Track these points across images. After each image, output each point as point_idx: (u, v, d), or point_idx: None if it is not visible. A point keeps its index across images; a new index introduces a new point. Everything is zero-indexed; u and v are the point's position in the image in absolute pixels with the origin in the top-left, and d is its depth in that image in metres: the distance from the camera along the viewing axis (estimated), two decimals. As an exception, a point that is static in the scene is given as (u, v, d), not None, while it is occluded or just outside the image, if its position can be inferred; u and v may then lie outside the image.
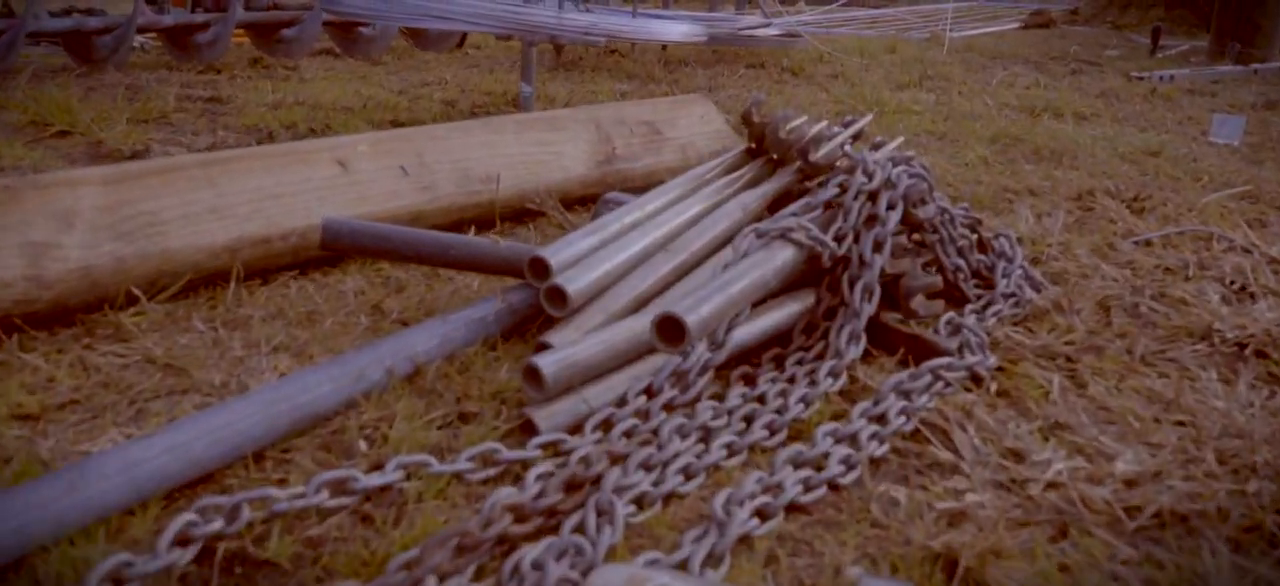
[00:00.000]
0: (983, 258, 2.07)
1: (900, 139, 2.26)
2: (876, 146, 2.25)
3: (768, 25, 5.81)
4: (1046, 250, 2.41)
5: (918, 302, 1.75)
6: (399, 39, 6.07)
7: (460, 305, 1.86)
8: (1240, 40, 7.04)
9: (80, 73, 5.14)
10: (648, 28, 3.52)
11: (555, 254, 1.67)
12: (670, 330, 1.34)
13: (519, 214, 2.46)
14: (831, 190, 1.80)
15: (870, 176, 1.82)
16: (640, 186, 2.75)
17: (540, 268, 1.66)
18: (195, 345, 1.66)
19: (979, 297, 2.01)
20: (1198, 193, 3.04)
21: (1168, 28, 8.43)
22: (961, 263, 1.99)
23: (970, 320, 1.86)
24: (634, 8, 3.95)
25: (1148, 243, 2.52)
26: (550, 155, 2.54)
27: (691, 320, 1.32)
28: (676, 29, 3.63)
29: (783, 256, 1.64)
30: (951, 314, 1.86)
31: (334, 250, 1.79)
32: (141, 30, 6.08)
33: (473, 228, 2.33)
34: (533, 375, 1.42)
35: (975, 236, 2.09)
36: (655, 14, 5.38)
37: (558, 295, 1.61)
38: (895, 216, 1.78)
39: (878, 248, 1.75)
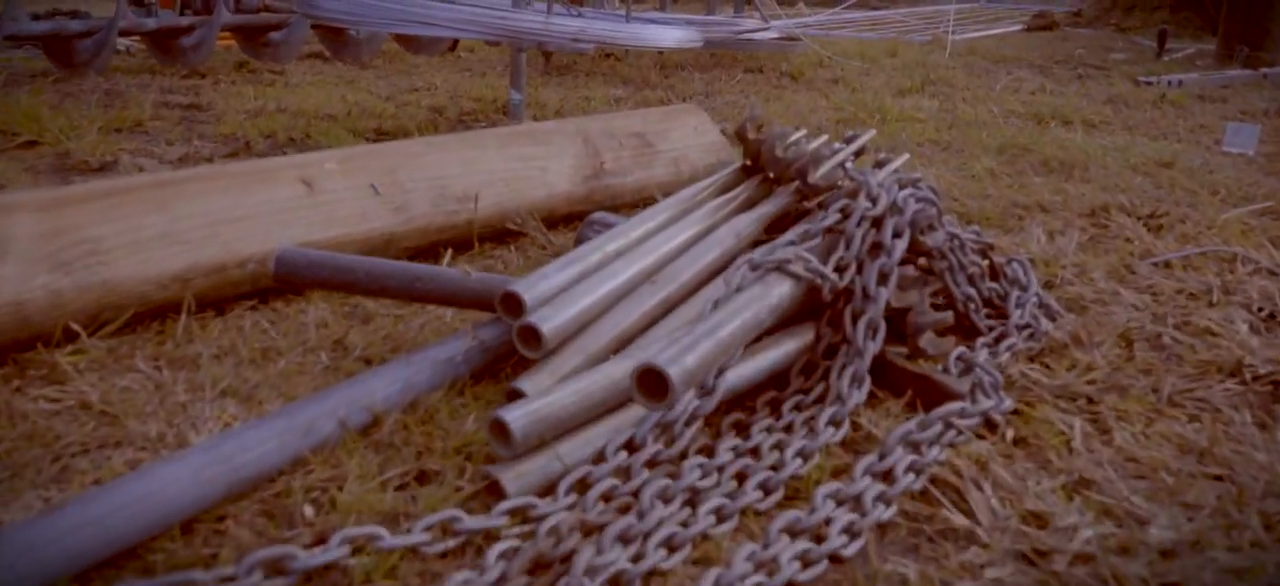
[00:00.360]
0: (995, 286, 1.92)
1: (905, 156, 2.12)
2: (880, 163, 2.11)
3: (766, 28, 5.66)
4: (1060, 273, 2.27)
5: (927, 340, 1.60)
6: (390, 42, 5.93)
7: (429, 341, 1.71)
8: (1248, 44, 6.89)
9: (59, 77, 5.00)
10: (641, 34, 3.38)
11: (529, 289, 1.52)
12: (653, 384, 1.20)
13: (500, 234, 2.32)
14: (832, 216, 1.66)
15: (874, 201, 1.67)
16: (630, 203, 2.61)
17: (513, 304, 1.52)
18: (135, 389, 1.52)
19: (991, 329, 1.87)
20: (1216, 208, 2.89)
21: (1173, 30, 8.28)
22: (972, 292, 1.85)
23: (982, 356, 1.71)
24: (627, 11, 3.80)
25: (1167, 264, 2.37)
26: (534, 171, 2.39)
27: (676, 373, 1.18)
28: (671, 35, 3.49)
29: (779, 291, 1.50)
30: (962, 349, 1.72)
31: (289, 285, 1.65)
32: (124, 34, 5.94)
33: (449, 250, 2.19)
34: (500, 430, 1.27)
35: (987, 263, 1.94)
36: (650, 18, 5.23)
37: (532, 335, 1.47)
38: (901, 245, 1.64)
39: (883, 280, 1.60)
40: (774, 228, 1.92)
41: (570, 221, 2.51)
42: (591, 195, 2.50)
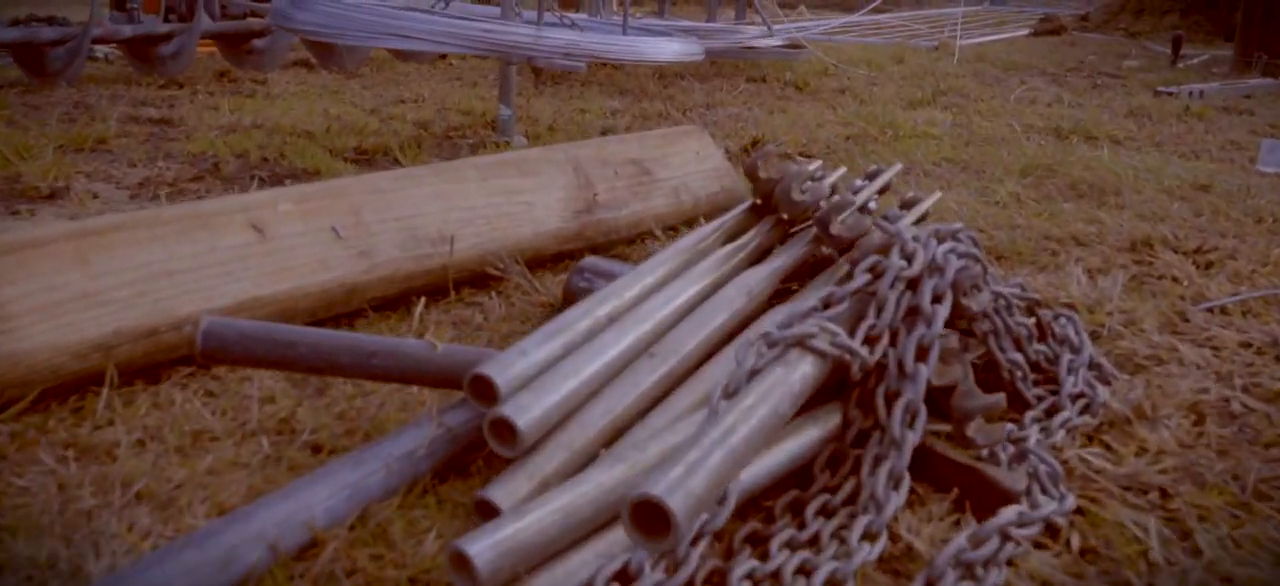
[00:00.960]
0: (1042, 347, 1.68)
1: (936, 194, 1.88)
2: (908, 203, 1.86)
3: (770, 36, 5.42)
4: (1107, 322, 2.03)
5: (976, 429, 1.36)
6: (377, 50, 5.69)
7: (390, 420, 1.47)
8: (1267, 51, 6.66)
9: (29, 88, 4.76)
10: (638, 47, 3.13)
11: (504, 371, 1.27)
12: (650, 516, 0.95)
13: (479, 279, 2.07)
14: (861, 277, 1.41)
15: (910, 259, 1.43)
16: (626, 238, 2.37)
17: (484, 389, 1.27)
18: (34, 491, 1.27)
19: (1039, 399, 1.62)
20: (1264, 238, 2.65)
21: (1185, 36, 8.04)
22: (1019, 357, 1.60)
23: (1035, 437, 1.47)
24: (624, 21, 3.56)
25: (1223, 310, 2.13)
26: (519, 206, 2.15)
27: (680, 505, 0.93)
28: (670, 48, 3.24)
29: (801, 372, 1.26)
30: (1010, 427, 1.48)
31: (218, 362, 1.40)
32: (100, 42, 5.69)
33: (422, 299, 1.94)
34: (462, 563, 1.03)
35: (1034, 319, 1.70)
36: (649, 25, 4.99)
37: (506, 430, 1.22)
38: (943, 312, 1.39)
39: (922, 355, 1.36)
40: (790, 277, 1.68)
41: (560, 260, 2.27)
42: (583, 231, 2.26)
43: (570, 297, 1.87)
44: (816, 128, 4.20)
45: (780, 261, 1.62)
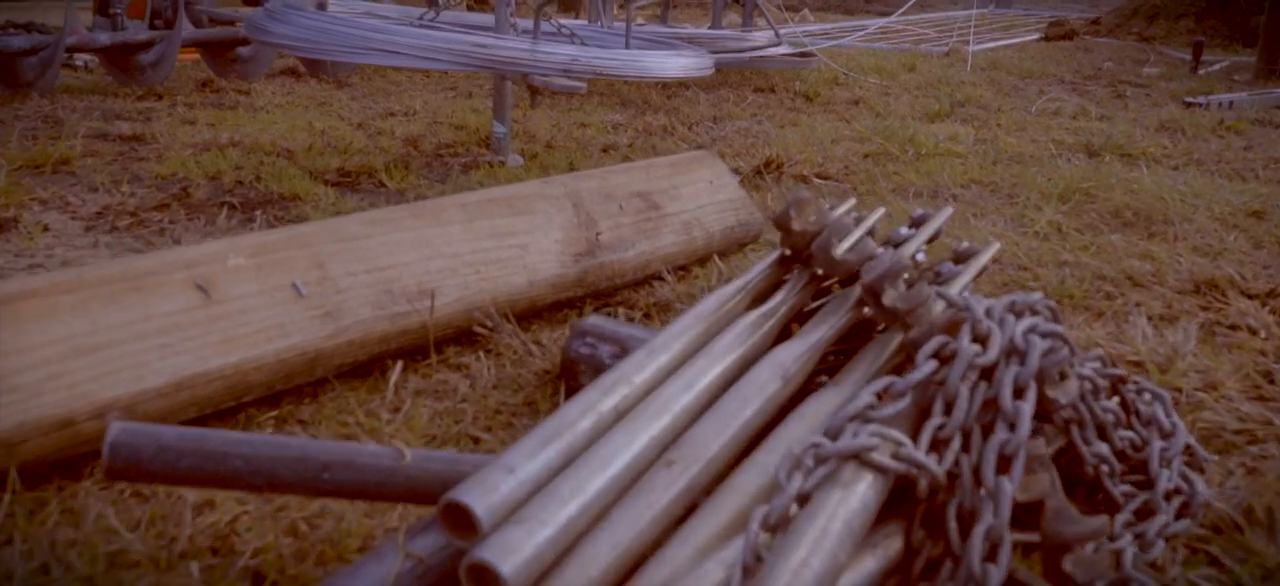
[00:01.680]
0: (1128, 433, 1.42)
1: (995, 245, 1.62)
2: (961, 256, 1.61)
3: (778, 44, 5.16)
4: (1183, 385, 1.77)
5: (1075, 563, 1.10)
6: (365, 59, 5.43)
7: (352, 535, 1.21)
8: (1293, 58, 6.41)
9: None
10: (642, 63, 2.87)
11: (485, 496, 1.01)
12: None
13: (465, 336, 1.81)
14: (925, 365, 1.15)
15: (984, 342, 1.17)
16: (632, 282, 2.11)
17: (461, 519, 1.01)
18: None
19: (1127, 494, 1.37)
20: (1337, 277, 2.40)
21: (1205, 42, 7.78)
22: (1106, 449, 1.34)
23: (1132, 556, 1.21)
24: (627, 35, 3.30)
25: (1313, 370, 1.88)
26: (511, 251, 1.89)
27: None
28: (677, 64, 2.99)
29: (861, 498, 1.00)
30: (1104, 544, 1.22)
31: (132, 480, 1.14)
32: (76, 50, 5.44)
33: (398, 364, 1.68)
34: None
35: (1118, 398, 1.44)
36: (654, 33, 4.73)
37: (489, 577, 0.96)
38: (1028, 410, 1.13)
39: (1005, 466, 1.10)
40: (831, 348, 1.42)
41: (559, 309, 2.01)
42: (584, 277, 2.00)
43: (570, 366, 1.61)
44: (831, 144, 3.95)
45: (819, 334, 1.37)
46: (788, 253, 1.60)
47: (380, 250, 1.71)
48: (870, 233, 1.70)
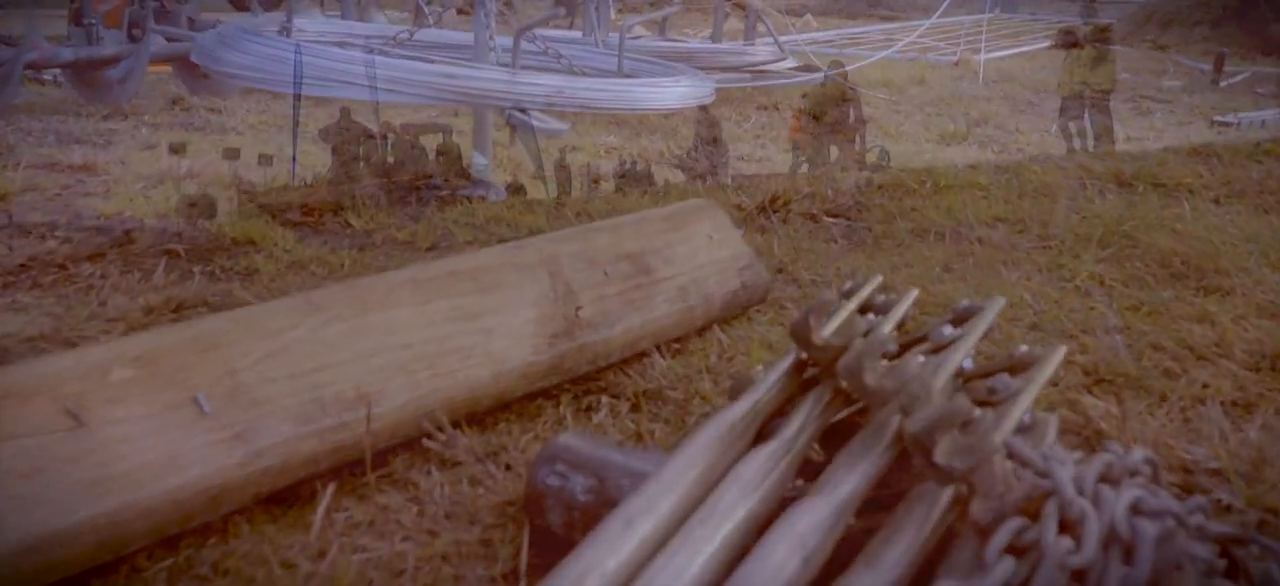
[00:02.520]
0: (1239, 605, 1.12)
1: (1060, 350, 1.32)
2: (1017, 365, 1.31)
3: (783, 58, 4.87)
4: (1271, 500, 1.47)
5: None
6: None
7: None
8: (1321, 70, 6.12)
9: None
10: (634, 96, 2.58)
11: None
12: None
13: (412, 446, 1.51)
14: (1000, 566, 0.85)
15: (1075, 532, 0.87)
16: (617, 363, 1.82)
17: None
18: None
19: (1239, 689, 1.07)
20: None
21: (1227, 53, 7.49)
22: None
23: None
24: (619, 61, 3.00)
25: None
26: (473, 337, 1.59)
27: None
28: (675, 94, 2.69)
29: None
30: None
31: None
32: (37, 67, 5.15)
33: (329, 488, 1.38)
34: None
35: (1226, 561, 1.14)
36: (651, 47, 4.43)
37: None
38: (1141, 634, 0.84)
39: None
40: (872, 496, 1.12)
41: (532, 399, 1.71)
42: (561, 363, 1.70)
43: (536, 500, 1.31)
44: (840, 173, 3.65)
45: (847, 488, 1.06)
46: (804, 358, 1.30)
47: (309, 348, 1.40)
48: (901, 324, 1.41)
